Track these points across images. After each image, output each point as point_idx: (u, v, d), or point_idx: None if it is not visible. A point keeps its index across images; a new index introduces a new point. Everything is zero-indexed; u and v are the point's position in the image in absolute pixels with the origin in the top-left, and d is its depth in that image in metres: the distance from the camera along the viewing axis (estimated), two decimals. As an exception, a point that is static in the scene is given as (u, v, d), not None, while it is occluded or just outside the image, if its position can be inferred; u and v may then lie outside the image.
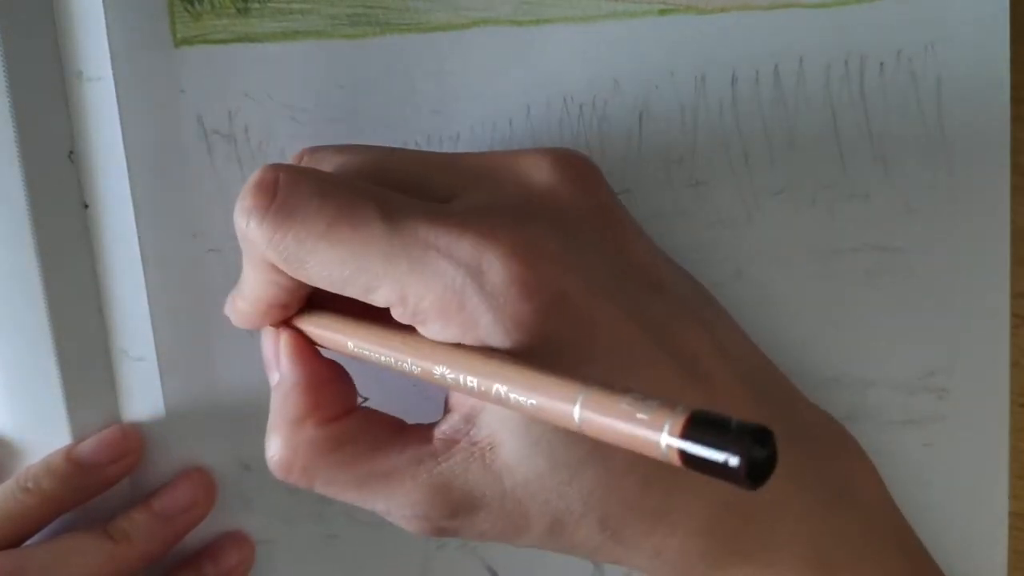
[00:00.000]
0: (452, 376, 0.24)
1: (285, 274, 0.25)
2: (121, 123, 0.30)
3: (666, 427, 0.19)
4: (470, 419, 0.25)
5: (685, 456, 0.19)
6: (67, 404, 0.31)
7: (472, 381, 0.23)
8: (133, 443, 0.32)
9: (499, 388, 0.22)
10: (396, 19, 0.31)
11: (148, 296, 0.31)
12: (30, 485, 0.31)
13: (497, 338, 0.24)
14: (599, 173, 0.28)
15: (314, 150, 0.28)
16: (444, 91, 0.31)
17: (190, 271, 0.32)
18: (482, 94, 0.32)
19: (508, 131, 0.32)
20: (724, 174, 0.32)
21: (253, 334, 0.32)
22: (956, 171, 0.33)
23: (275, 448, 0.27)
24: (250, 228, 0.25)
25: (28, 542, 0.31)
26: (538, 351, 0.23)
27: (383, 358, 0.26)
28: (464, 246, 0.24)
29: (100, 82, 0.30)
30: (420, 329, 0.25)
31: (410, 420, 0.27)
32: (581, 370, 0.22)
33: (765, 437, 0.18)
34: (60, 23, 0.30)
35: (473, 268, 0.23)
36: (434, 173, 0.27)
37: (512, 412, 0.24)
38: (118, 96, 0.30)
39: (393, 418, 0.27)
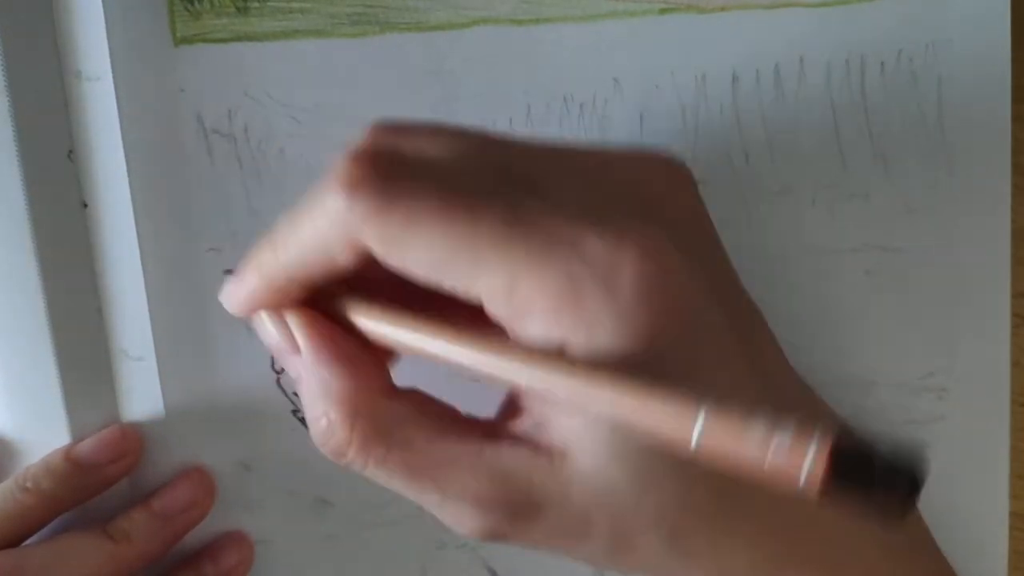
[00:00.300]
0: (559, 387, 0.22)
1: (352, 261, 0.23)
2: (120, 122, 0.30)
3: (808, 457, 0.18)
4: (540, 422, 0.24)
5: (830, 489, 0.17)
6: (66, 404, 0.31)
7: (576, 392, 0.22)
8: (132, 443, 0.32)
9: (605, 402, 0.21)
10: (396, 18, 0.31)
11: (147, 296, 0.31)
12: (29, 485, 0.31)
13: (612, 338, 0.22)
14: (695, 182, 0.27)
15: (410, 128, 0.25)
16: (444, 90, 0.31)
17: (190, 271, 0.32)
18: (482, 93, 0.32)
19: (508, 130, 0.32)
20: (724, 174, 0.32)
21: (251, 336, 0.32)
22: (957, 171, 0.33)
23: (328, 427, 0.24)
24: (353, 203, 0.22)
25: (27, 542, 0.31)
26: (653, 357, 0.22)
27: (453, 355, 0.23)
28: (594, 241, 0.22)
29: (99, 81, 0.30)
30: (516, 326, 0.23)
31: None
32: (693, 382, 0.21)
33: (915, 463, 0.17)
34: (59, 22, 0.30)
35: (602, 264, 0.22)
36: (542, 165, 0.25)
37: (593, 420, 0.23)
38: (117, 95, 0.30)
39: (448, 405, 0.26)
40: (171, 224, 0.31)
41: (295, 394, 0.33)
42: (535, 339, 0.23)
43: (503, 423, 0.25)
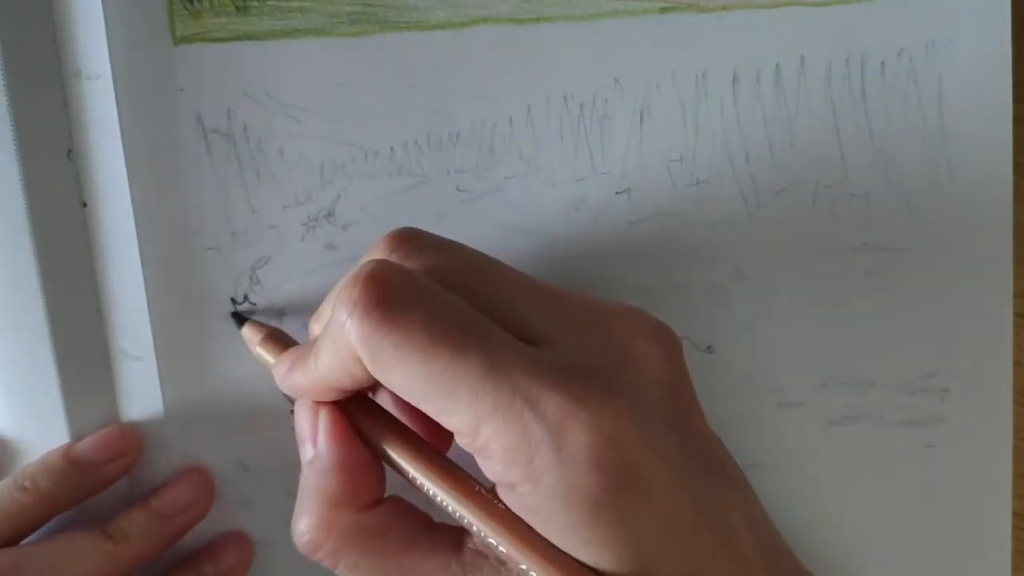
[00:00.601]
0: (505, 551, 0.24)
1: (364, 370, 0.25)
2: (120, 122, 0.30)
3: None
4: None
5: None
6: (65, 404, 0.31)
7: (510, 552, 0.24)
8: (131, 442, 0.32)
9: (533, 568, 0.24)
10: (396, 17, 0.31)
11: (147, 295, 0.31)
12: (27, 484, 0.31)
13: (551, 499, 0.24)
14: (681, 347, 0.28)
15: (416, 236, 0.28)
16: (444, 90, 0.32)
17: (189, 270, 0.32)
18: (482, 93, 0.32)
19: (508, 130, 0.32)
20: (725, 173, 0.33)
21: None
22: (957, 170, 0.33)
23: (306, 526, 0.27)
24: (351, 319, 0.24)
25: (25, 541, 0.31)
26: (593, 521, 0.24)
27: (430, 492, 0.26)
28: (552, 402, 0.24)
29: (99, 80, 0.30)
30: (480, 462, 0.25)
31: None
32: (631, 558, 0.23)
33: None
34: (59, 21, 0.30)
35: (555, 426, 0.24)
36: (529, 305, 0.27)
37: None
38: (117, 95, 0.30)
39: (423, 513, 0.28)
40: (170, 223, 0.31)
41: (294, 394, 0.33)
42: (492, 479, 0.25)
43: (471, 535, 0.26)
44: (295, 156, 0.32)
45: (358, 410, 0.28)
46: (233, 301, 0.32)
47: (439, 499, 0.26)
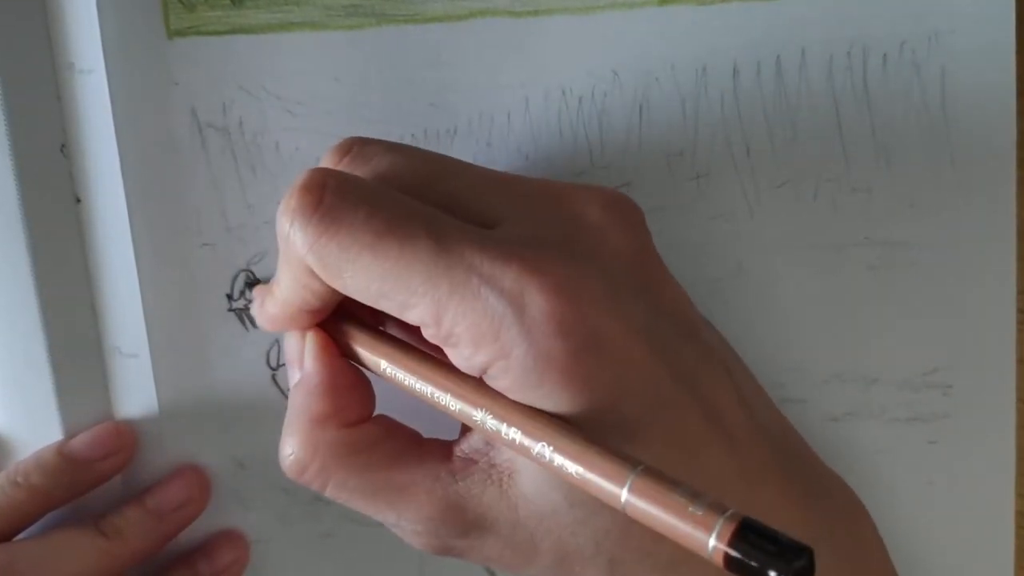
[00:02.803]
0: (493, 425, 0.24)
1: (320, 280, 0.25)
2: (114, 116, 0.31)
3: (716, 529, 0.20)
4: (492, 443, 0.26)
5: (730, 561, 0.20)
6: (59, 401, 0.32)
7: (515, 435, 0.24)
8: (126, 440, 0.32)
9: (543, 449, 0.23)
10: (392, 10, 0.32)
11: (141, 292, 0.32)
12: (20, 480, 0.31)
13: (524, 372, 0.24)
14: (643, 217, 0.28)
15: (364, 143, 0.27)
16: (441, 83, 0.32)
17: (184, 266, 0.32)
18: (479, 86, 0.32)
19: (506, 124, 0.32)
20: (725, 167, 0.33)
21: (246, 333, 0.33)
22: (960, 165, 0.33)
23: (292, 446, 0.27)
24: (293, 230, 0.25)
25: (18, 537, 0.31)
26: (565, 390, 0.24)
27: (418, 387, 0.26)
28: (508, 275, 0.24)
29: (92, 74, 0.31)
30: (449, 352, 0.25)
31: (424, 434, 0.28)
32: (610, 414, 0.23)
33: (808, 554, 0.20)
34: (51, 14, 0.31)
35: (514, 299, 0.24)
36: (484, 193, 0.27)
37: None
38: (110, 89, 0.31)
39: (411, 430, 0.28)
40: (165, 219, 0.32)
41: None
42: (464, 365, 0.25)
43: (460, 442, 0.27)
44: (291, 150, 0.32)
45: (348, 330, 0.28)
46: (229, 298, 0.33)
47: (437, 397, 0.26)
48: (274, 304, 0.28)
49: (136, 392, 0.33)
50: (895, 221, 0.33)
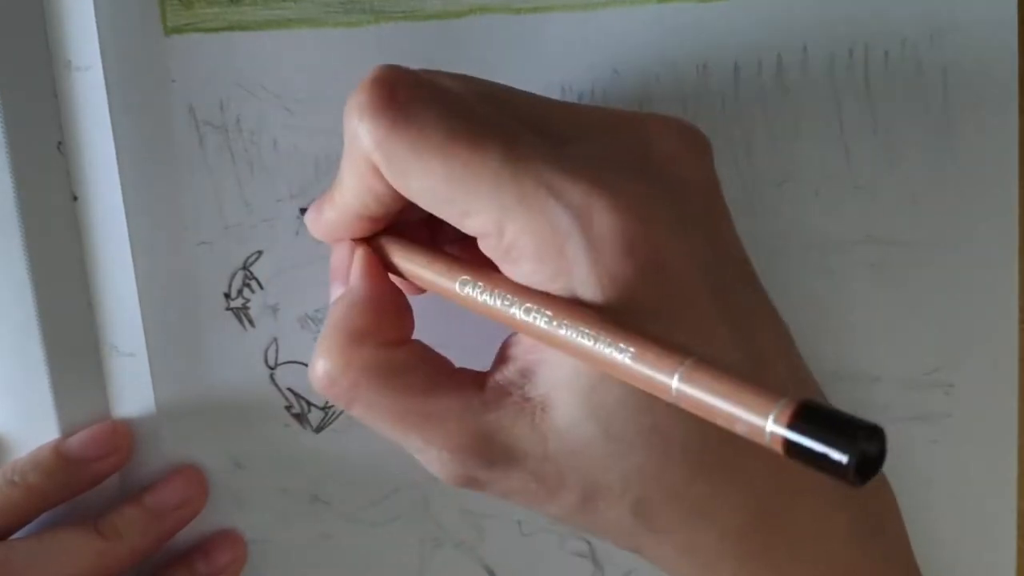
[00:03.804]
0: (543, 320, 0.24)
1: (384, 182, 0.25)
2: (110, 114, 0.31)
3: (773, 413, 0.19)
4: (527, 374, 0.26)
5: (790, 446, 0.19)
6: (55, 400, 0.32)
7: (562, 328, 0.23)
8: (123, 439, 0.32)
9: (589, 338, 0.23)
10: (390, 7, 0.32)
11: (138, 291, 0.32)
12: (16, 478, 0.31)
13: (588, 288, 0.24)
14: (712, 152, 0.28)
15: (428, 71, 0.27)
16: (440, 81, 0.32)
17: (181, 265, 0.32)
18: (479, 83, 0.32)
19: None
20: (726, 165, 0.33)
21: (244, 332, 0.33)
22: (962, 162, 0.33)
23: (325, 359, 0.26)
24: (362, 124, 0.24)
25: (14, 536, 0.32)
26: (625, 309, 0.24)
27: (462, 288, 0.26)
28: (577, 190, 0.24)
29: (89, 72, 0.31)
30: (506, 267, 0.25)
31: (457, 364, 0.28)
32: (667, 335, 0.22)
33: (877, 434, 0.18)
34: (48, 11, 0.31)
35: (582, 214, 0.23)
36: (555, 116, 0.26)
37: (574, 374, 0.24)
38: (107, 86, 0.31)
39: (445, 358, 0.28)
40: (162, 217, 0.32)
41: (289, 390, 0.34)
42: (522, 281, 0.25)
43: (494, 372, 0.26)
44: (289, 148, 0.32)
45: (399, 247, 0.28)
46: (226, 296, 0.33)
47: (492, 302, 0.25)
48: (333, 209, 0.28)
49: (133, 391, 0.33)
50: (897, 219, 0.34)
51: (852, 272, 0.34)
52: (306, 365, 0.33)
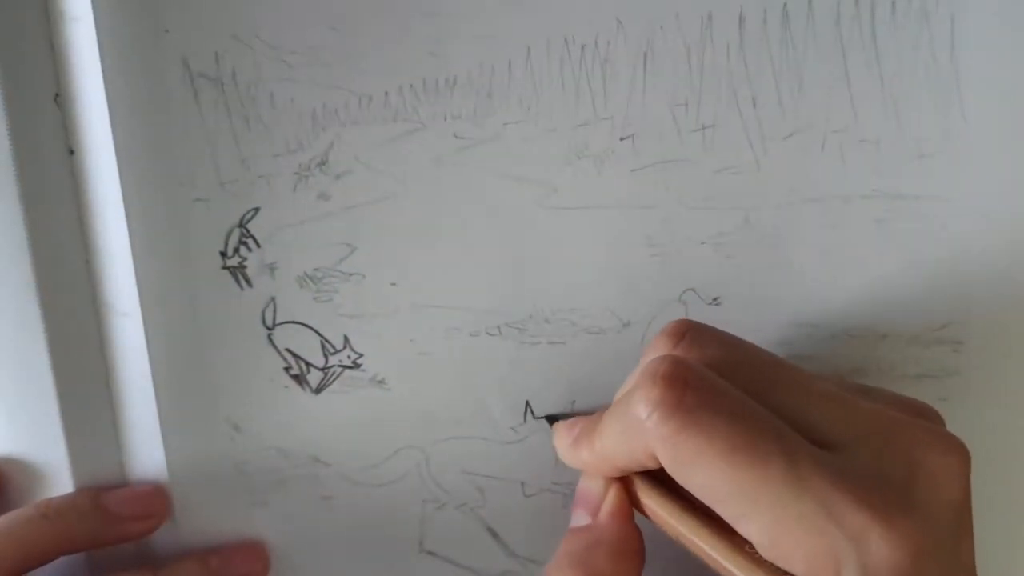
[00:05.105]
0: None
1: (654, 460, 0.27)
2: (102, 66, 0.31)
3: None
4: None
5: None
6: (52, 360, 0.32)
7: None
8: (160, 506, 0.34)
9: None
10: (389, -43, 0.32)
11: (132, 249, 0.32)
12: (49, 514, 0.32)
13: None
14: (970, 464, 0.29)
15: (698, 331, 0.29)
16: (440, 32, 0.32)
17: (177, 222, 0.32)
18: (480, 35, 0.32)
19: (507, 74, 0.33)
20: (731, 118, 0.33)
21: (241, 291, 0.33)
22: (970, 115, 0.34)
23: None
24: (650, 420, 0.26)
25: None
26: None
27: (728, 558, 0.27)
28: (858, 519, 0.25)
29: (81, 22, 0.31)
30: (771, 559, 0.26)
31: None
32: None
33: None
34: (39, -39, 0.31)
35: (860, 541, 0.25)
36: (821, 412, 0.28)
37: None
38: (99, 37, 0.31)
39: None
40: (157, 173, 0.32)
41: (287, 350, 0.34)
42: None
43: None
44: (286, 102, 0.32)
45: (648, 487, 0.30)
46: (222, 255, 0.33)
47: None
48: (592, 454, 0.30)
49: (130, 352, 0.33)
50: (904, 173, 0.34)
51: (858, 227, 0.34)
52: (305, 325, 0.34)
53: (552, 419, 0.34)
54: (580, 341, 0.34)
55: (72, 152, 0.32)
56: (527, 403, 0.35)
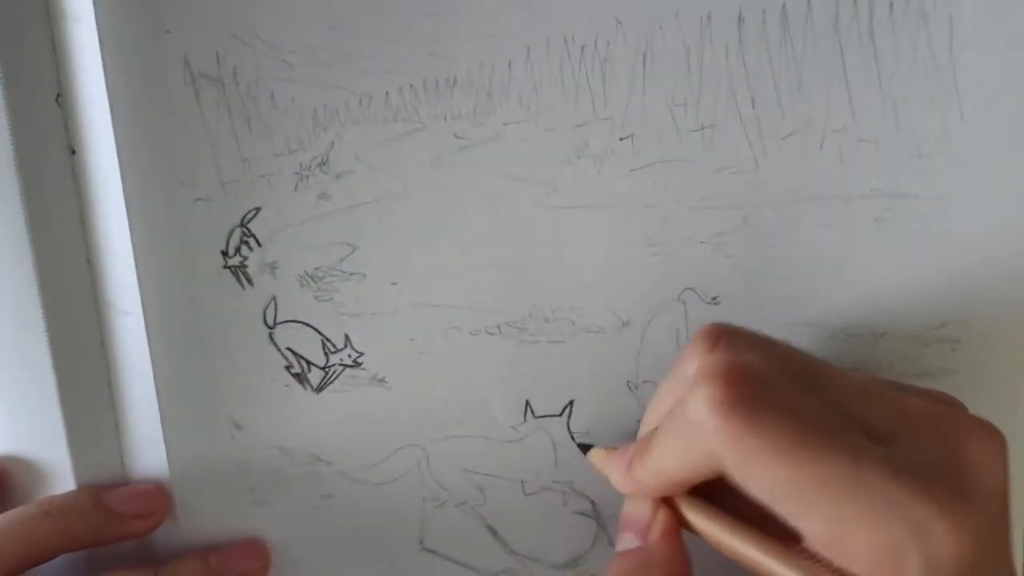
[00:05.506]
0: None
1: (712, 467, 0.27)
2: (103, 66, 0.31)
3: None
4: None
5: None
6: (53, 358, 0.32)
7: None
8: (161, 504, 0.34)
9: None
10: (389, -43, 0.32)
11: (134, 248, 0.32)
12: (52, 511, 0.32)
13: None
14: (1007, 448, 0.29)
15: (730, 334, 0.29)
16: (440, 32, 0.33)
17: (178, 222, 0.33)
18: (480, 35, 0.33)
19: (507, 73, 0.33)
20: (730, 118, 0.34)
21: (242, 290, 0.33)
22: (968, 115, 0.34)
23: None
24: (713, 419, 0.26)
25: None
26: None
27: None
28: (919, 509, 0.25)
29: (83, 22, 0.31)
30: (834, 561, 0.26)
31: None
32: None
33: None
34: (41, -39, 0.31)
35: (920, 531, 0.25)
36: (868, 406, 0.28)
37: None
38: (100, 37, 0.31)
39: None
40: (158, 173, 0.32)
41: (288, 349, 0.34)
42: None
43: None
44: (287, 102, 0.33)
45: (694, 506, 0.30)
46: (223, 254, 0.33)
47: None
48: (648, 474, 0.30)
49: (131, 351, 0.33)
50: (902, 173, 0.34)
51: (857, 226, 0.34)
52: (306, 324, 0.34)
53: (585, 448, 0.34)
54: (580, 340, 0.35)
55: (74, 152, 0.32)
56: (527, 402, 0.35)
